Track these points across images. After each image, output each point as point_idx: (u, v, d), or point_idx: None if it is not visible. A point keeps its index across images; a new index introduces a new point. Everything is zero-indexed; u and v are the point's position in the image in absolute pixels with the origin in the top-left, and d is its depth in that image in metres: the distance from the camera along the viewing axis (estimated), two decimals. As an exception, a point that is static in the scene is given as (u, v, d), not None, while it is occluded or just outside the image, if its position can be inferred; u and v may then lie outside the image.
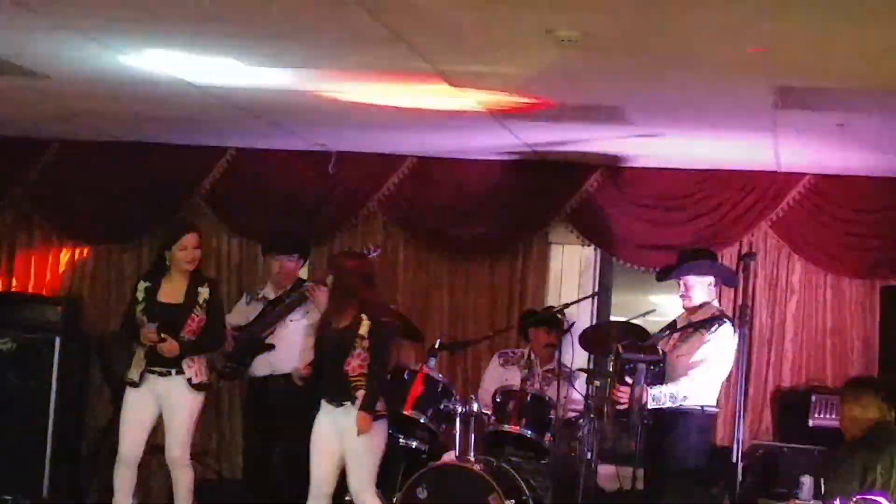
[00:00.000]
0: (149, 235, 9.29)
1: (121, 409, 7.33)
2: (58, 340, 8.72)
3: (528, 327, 8.28)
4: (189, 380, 7.17)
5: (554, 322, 8.11)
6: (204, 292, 7.27)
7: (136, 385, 7.23)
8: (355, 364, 6.78)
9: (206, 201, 9.28)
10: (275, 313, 7.91)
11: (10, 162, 9.35)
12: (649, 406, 6.85)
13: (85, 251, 9.51)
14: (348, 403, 6.74)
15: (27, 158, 9.36)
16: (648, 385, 6.87)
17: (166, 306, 7.18)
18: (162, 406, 7.23)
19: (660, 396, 6.89)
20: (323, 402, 6.89)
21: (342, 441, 6.81)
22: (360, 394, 6.73)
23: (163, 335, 7.04)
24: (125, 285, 9.31)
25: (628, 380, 6.86)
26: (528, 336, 8.30)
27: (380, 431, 6.86)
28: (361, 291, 6.88)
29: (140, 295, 7.26)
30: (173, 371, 7.17)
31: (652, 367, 6.94)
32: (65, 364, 8.71)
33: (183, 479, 7.31)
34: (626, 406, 6.84)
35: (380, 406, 6.77)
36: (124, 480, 7.31)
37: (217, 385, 7.83)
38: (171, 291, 7.24)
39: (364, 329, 6.80)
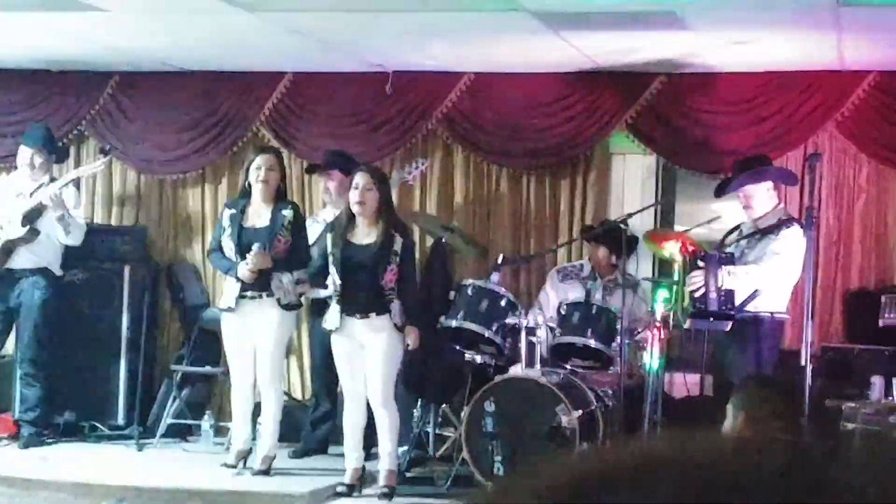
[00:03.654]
0: (210, 163, 9.29)
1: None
2: (126, 269, 8.73)
3: (587, 239, 8.19)
4: (279, 300, 7.28)
5: (614, 242, 7.89)
6: (288, 214, 7.39)
7: (231, 310, 7.38)
8: (389, 278, 6.92)
9: (267, 127, 9.17)
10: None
11: (74, 95, 9.32)
12: (726, 282, 6.67)
13: (149, 181, 9.46)
14: (373, 315, 6.92)
15: (90, 91, 9.31)
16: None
17: (252, 230, 7.32)
18: (254, 328, 7.36)
19: (735, 271, 6.73)
20: (343, 317, 7.00)
21: (364, 352, 7.00)
22: (394, 306, 6.93)
23: (256, 252, 7.18)
24: (190, 213, 9.37)
25: (700, 264, 6.70)
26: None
27: (401, 344, 7.02)
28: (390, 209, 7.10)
29: (226, 222, 7.44)
30: (264, 294, 7.29)
31: (722, 256, 6.80)
32: (134, 292, 8.72)
33: (272, 399, 7.47)
34: (702, 290, 6.67)
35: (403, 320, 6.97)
36: (240, 402, 7.53)
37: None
38: (256, 216, 7.39)
39: (398, 245, 6.96)
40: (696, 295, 6.77)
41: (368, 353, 6.97)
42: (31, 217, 7.97)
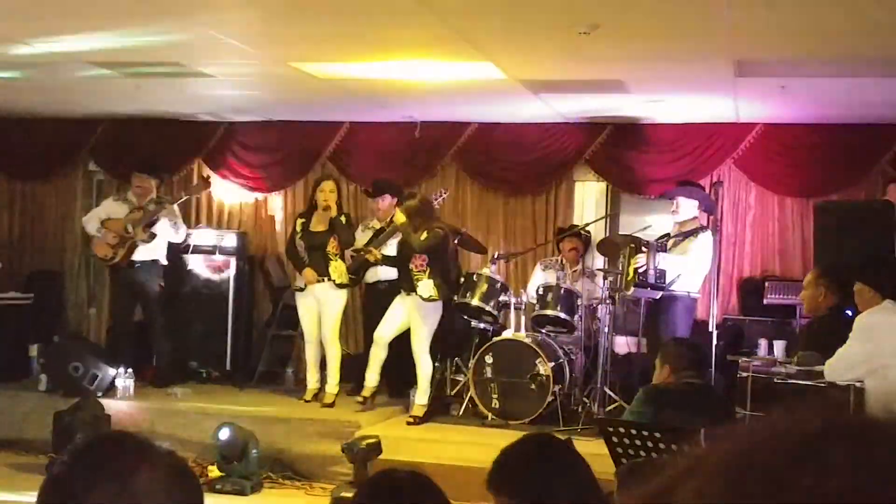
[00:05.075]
0: (290, 186, 9.33)
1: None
2: (233, 260, 8.77)
3: (558, 240, 8.23)
4: (334, 281, 7.35)
5: (576, 235, 8.01)
6: (341, 222, 7.45)
7: (301, 290, 7.47)
8: (416, 264, 6.98)
9: (332, 161, 9.24)
10: (379, 239, 7.88)
11: (193, 138, 9.36)
12: (660, 262, 6.75)
13: (249, 197, 9.50)
14: (413, 293, 7.01)
15: (206, 135, 9.37)
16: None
17: (316, 233, 7.41)
18: (319, 302, 7.42)
19: (666, 256, 6.82)
20: (402, 293, 7.17)
21: (408, 316, 7.06)
22: (420, 284, 6.97)
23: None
24: (275, 221, 9.42)
25: (644, 249, 6.80)
26: (559, 247, 8.24)
27: (434, 312, 7.03)
28: (425, 220, 7.08)
29: (298, 228, 7.53)
30: (325, 277, 7.34)
31: (659, 244, 6.90)
32: (239, 276, 8.76)
33: (333, 353, 7.51)
34: (644, 267, 6.77)
35: (436, 294, 6.97)
36: (311, 355, 7.62)
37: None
38: (318, 224, 7.46)
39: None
40: (640, 270, 6.85)
41: (411, 319, 7.04)
42: (151, 224, 8.00)
